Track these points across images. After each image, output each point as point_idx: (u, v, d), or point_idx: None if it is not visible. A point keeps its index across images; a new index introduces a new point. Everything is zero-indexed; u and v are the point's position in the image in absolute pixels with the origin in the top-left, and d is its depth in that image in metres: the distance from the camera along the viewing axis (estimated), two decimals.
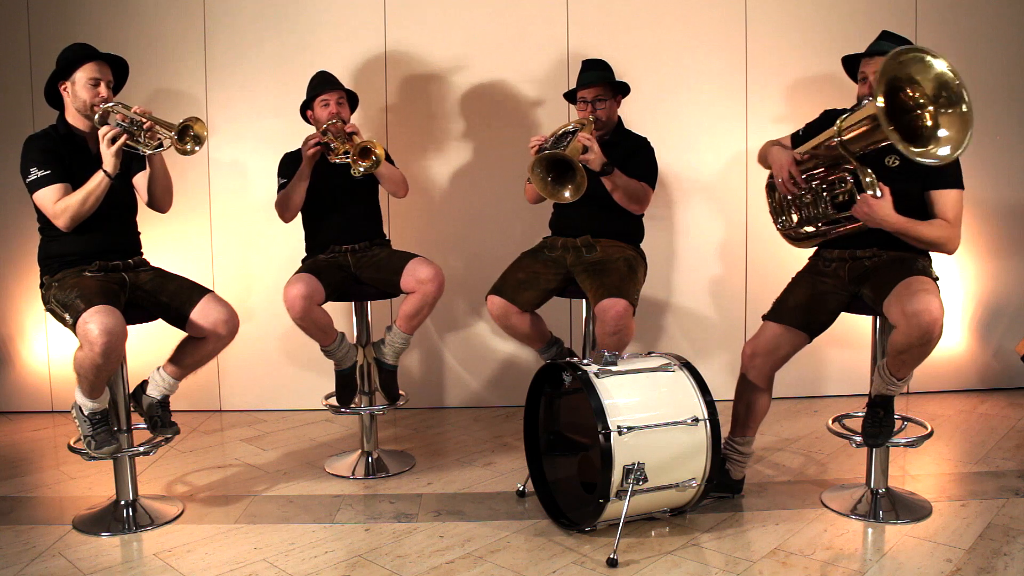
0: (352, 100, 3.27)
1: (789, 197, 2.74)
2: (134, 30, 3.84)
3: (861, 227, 2.52)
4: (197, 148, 2.60)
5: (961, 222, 2.53)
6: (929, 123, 2.28)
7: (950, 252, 2.54)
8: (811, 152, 2.62)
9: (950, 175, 2.50)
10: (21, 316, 4.00)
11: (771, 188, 2.85)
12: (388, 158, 3.31)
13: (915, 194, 2.52)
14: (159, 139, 2.62)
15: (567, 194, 2.81)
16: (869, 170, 2.46)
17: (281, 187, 3.18)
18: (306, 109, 3.24)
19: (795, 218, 2.76)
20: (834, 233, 2.63)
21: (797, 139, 2.79)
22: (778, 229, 2.84)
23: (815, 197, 2.64)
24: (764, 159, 2.88)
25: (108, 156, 2.55)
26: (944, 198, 2.51)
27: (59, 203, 2.58)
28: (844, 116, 2.47)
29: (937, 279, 2.55)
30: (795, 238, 2.79)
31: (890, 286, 2.46)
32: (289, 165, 3.18)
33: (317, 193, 3.16)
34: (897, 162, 2.53)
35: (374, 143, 3.00)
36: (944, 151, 2.25)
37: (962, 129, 2.27)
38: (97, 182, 2.57)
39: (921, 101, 2.29)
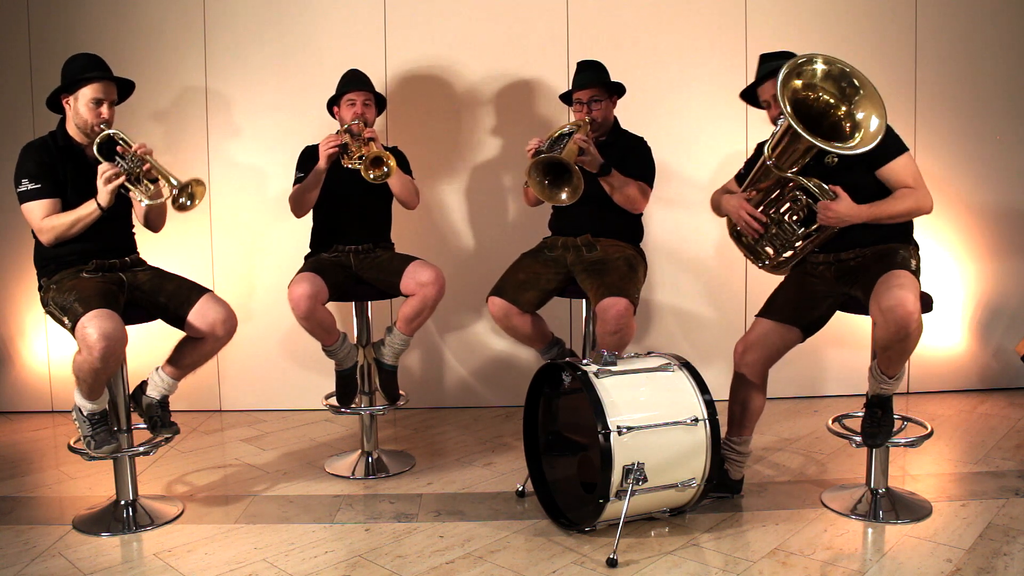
0: (380, 103, 3.28)
1: (749, 239, 2.79)
2: (134, 31, 3.83)
3: (834, 232, 2.56)
4: (190, 205, 2.60)
5: (922, 179, 2.55)
6: (844, 117, 2.42)
7: (928, 212, 2.56)
8: (755, 187, 2.70)
9: (889, 146, 2.51)
10: (21, 316, 4.00)
11: (736, 235, 2.88)
12: (407, 168, 3.31)
13: (866, 181, 2.54)
14: (155, 180, 2.61)
15: (564, 196, 2.82)
16: (813, 179, 2.53)
17: (297, 181, 3.18)
18: (332, 105, 3.24)
19: (771, 252, 2.79)
20: (814, 246, 2.65)
21: (741, 178, 2.87)
22: (761, 267, 2.86)
23: (779, 226, 2.68)
24: (717, 209, 2.93)
25: (104, 192, 2.55)
26: (895, 169, 2.53)
27: (46, 220, 2.59)
28: (766, 142, 2.59)
29: (916, 269, 2.55)
30: (778, 266, 2.80)
31: (873, 283, 2.47)
32: (308, 159, 3.18)
33: (331, 191, 3.16)
34: (836, 159, 2.55)
35: (387, 154, 3.00)
36: (872, 135, 2.39)
37: (876, 105, 2.40)
38: (88, 211, 2.58)
39: (831, 101, 2.43)
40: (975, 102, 3.96)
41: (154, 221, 2.89)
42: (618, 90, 3.18)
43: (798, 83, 2.42)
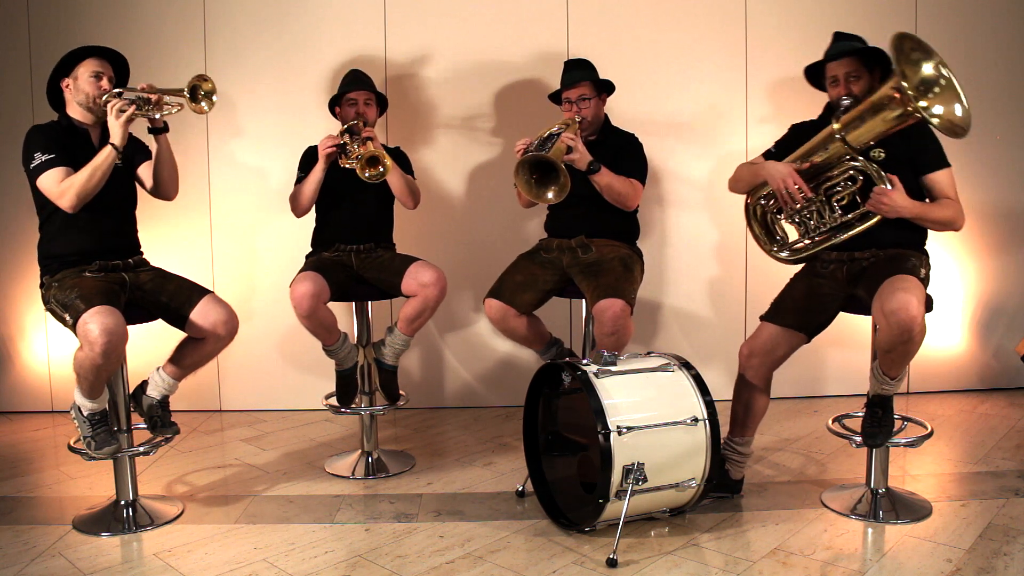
0: (381, 102, 3.28)
1: (782, 214, 2.72)
2: (134, 30, 3.84)
3: (874, 224, 2.52)
4: (214, 101, 2.64)
5: (959, 198, 2.58)
6: (915, 111, 2.34)
7: (959, 228, 2.58)
8: (808, 159, 2.59)
9: (938, 156, 2.54)
10: (21, 316, 4.00)
11: (753, 211, 2.79)
12: (408, 168, 3.32)
13: (908, 184, 2.53)
14: (167, 109, 2.64)
15: (551, 195, 2.82)
16: (874, 164, 2.48)
17: (298, 181, 3.18)
18: (335, 105, 3.24)
19: (793, 235, 2.73)
20: (838, 238, 2.60)
21: (771, 156, 2.76)
22: (771, 253, 2.76)
23: (821, 205, 2.62)
24: (745, 181, 2.78)
25: (116, 128, 2.55)
26: (940, 179, 2.56)
27: (64, 183, 2.55)
28: (841, 112, 2.50)
29: (925, 277, 2.55)
30: (792, 253, 2.72)
31: (877, 285, 2.47)
32: (309, 160, 3.19)
33: (332, 190, 3.17)
34: (883, 154, 2.54)
35: (383, 154, 3.00)
36: (957, 112, 2.35)
37: (953, 96, 2.35)
38: (104, 156, 2.56)
39: (911, 94, 2.36)
40: (975, 102, 3.91)
41: (167, 182, 2.82)
42: (607, 87, 3.17)
43: (904, 64, 2.32)
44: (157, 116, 2.66)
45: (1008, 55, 3.96)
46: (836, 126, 2.49)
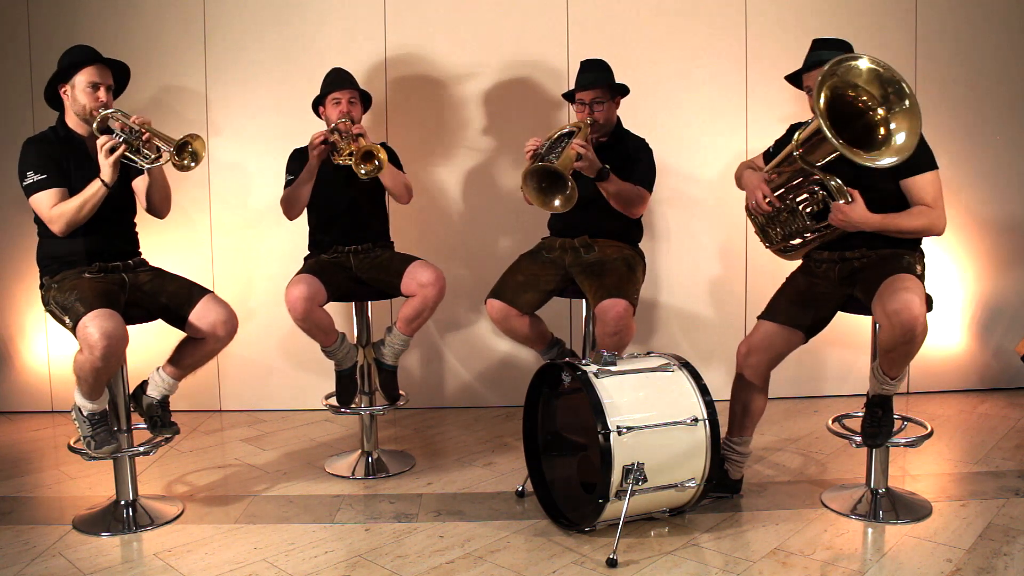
0: (365, 99, 3.27)
1: (762, 217, 2.78)
2: (134, 30, 3.84)
3: (842, 232, 2.56)
4: (194, 165, 2.58)
5: (943, 200, 2.53)
6: (880, 122, 2.34)
7: (939, 234, 2.55)
8: (778, 169, 2.66)
9: (920, 159, 2.47)
10: (21, 316, 4.00)
11: (750, 211, 2.87)
12: (398, 163, 3.31)
13: (892, 188, 2.53)
14: (157, 150, 2.61)
15: (557, 203, 2.81)
16: (835, 179, 2.48)
17: (288, 183, 3.17)
18: (318, 105, 3.23)
19: (780, 234, 2.78)
20: (821, 241, 2.64)
21: (768, 156, 2.83)
22: (767, 247, 2.87)
23: (791, 213, 2.67)
24: (739, 181, 2.91)
25: (106, 166, 2.55)
26: (919, 183, 2.50)
27: (55, 208, 2.58)
28: (799, 131, 2.52)
29: (921, 275, 2.55)
30: (785, 251, 2.81)
31: (876, 285, 2.47)
32: (297, 161, 3.17)
33: (325, 192, 3.15)
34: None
35: (378, 148, 2.99)
36: (899, 150, 2.32)
37: (913, 122, 2.32)
38: (94, 191, 2.57)
39: (870, 104, 2.34)
40: (974, 103, 3.96)
41: (158, 205, 2.85)
42: (621, 91, 3.16)
43: (841, 80, 2.32)
44: (146, 166, 2.63)
45: (1008, 55, 3.95)
46: (794, 143, 2.49)
